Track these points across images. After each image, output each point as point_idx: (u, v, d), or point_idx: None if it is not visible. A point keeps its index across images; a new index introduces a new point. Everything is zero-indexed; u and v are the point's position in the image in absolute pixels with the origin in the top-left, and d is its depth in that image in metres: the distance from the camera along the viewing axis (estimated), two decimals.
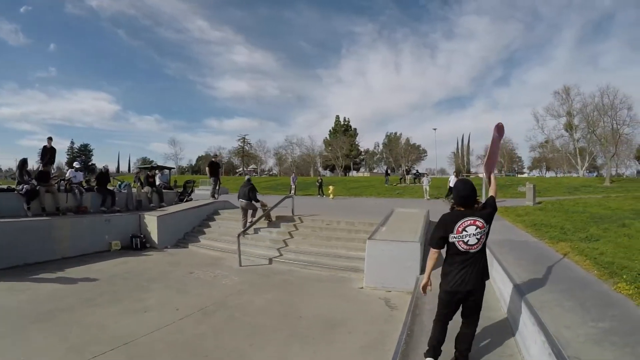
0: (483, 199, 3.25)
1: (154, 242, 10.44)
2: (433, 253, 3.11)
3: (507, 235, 7.33)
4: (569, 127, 43.09)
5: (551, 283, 4.13)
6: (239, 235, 8.39)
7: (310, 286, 6.62)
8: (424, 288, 3.24)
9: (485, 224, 2.96)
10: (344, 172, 74.32)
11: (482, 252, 3.04)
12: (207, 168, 14.81)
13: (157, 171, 16.84)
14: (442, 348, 3.22)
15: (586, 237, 6.43)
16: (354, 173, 78.26)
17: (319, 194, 25.69)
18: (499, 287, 4.89)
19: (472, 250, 2.97)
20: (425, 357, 3.15)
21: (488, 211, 3.07)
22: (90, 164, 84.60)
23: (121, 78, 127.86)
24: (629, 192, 18.99)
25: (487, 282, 3.18)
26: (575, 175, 49.49)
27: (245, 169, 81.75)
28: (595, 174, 57.07)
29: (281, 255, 8.48)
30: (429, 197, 20.36)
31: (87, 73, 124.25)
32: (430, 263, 3.13)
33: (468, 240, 2.95)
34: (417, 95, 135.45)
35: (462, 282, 2.98)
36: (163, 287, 6.51)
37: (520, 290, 3.89)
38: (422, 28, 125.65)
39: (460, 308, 3.16)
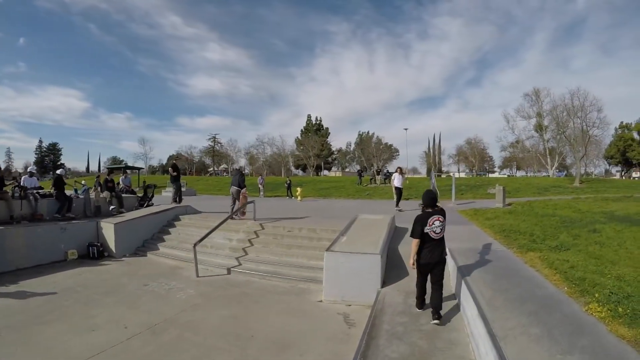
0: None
1: (112, 251, 9.71)
2: (415, 242, 4.33)
3: (474, 242, 6.97)
4: (539, 128, 44.07)
5: (517, 304, 3.75)
6: (194, 245, 7.78)
7: (267, 299, 6.23)
8: (412, 265, 4.48)
9: (444, 219, 4.35)
10: (315, 172, 73.24)
11: (442, 238, 4.40)
12: (169, 169, 13.91)
13: (120, 172, 15.99)
14: None
15: (556, 246, 6.16)
16: (325, 172, 77.26)
17: (287, 196, 25.03)
18: (463, 305, 4.50)
19: (437, 237, 4.30)
20: (417, 307, 4.64)
21: (444, 212, 4.42)
22: (59, 163, 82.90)
23: (92, 74, 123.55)
24: (598, 193, 19.32)
25: (450, 301, 4.79)
26: (545, 174, 50.70)
27: (216, 169, 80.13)
28: (564, 173, 58.76)
29: (240, 264, 7.94)
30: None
31: (57, 69, 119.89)
32: (414, 248, 4.36)
33: (436, 230, 4.28)
34: (390, 94, 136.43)
35: (431, 257, 4.32)
36: (115, 302, 6.12)
37: (483, 314, 3.49)
38: (396, 28, 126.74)
39: (430, 277, 4.45)
